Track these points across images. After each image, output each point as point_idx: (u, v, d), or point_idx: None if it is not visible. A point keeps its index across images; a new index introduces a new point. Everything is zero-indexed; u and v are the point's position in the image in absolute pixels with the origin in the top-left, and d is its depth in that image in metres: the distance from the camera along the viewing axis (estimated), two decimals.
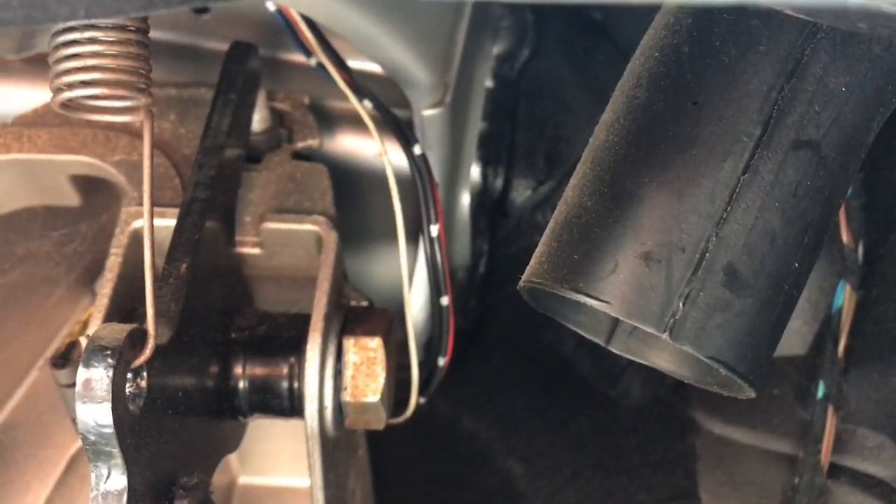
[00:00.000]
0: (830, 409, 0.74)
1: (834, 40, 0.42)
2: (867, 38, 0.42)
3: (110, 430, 0.41)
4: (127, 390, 0.43)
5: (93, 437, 0.41)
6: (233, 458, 0.78)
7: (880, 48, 0.42)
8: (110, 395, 0.40)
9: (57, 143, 0.68)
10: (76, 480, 0.80)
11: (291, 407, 0.58)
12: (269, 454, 0.78)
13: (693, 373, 0.49)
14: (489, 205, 0.85)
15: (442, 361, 0.71)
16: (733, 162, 0.41)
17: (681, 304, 0.40)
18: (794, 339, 0.79)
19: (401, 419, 0.71)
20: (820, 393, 0.75)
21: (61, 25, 0.41)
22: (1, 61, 0.78)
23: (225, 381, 0.57)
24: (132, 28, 0.41)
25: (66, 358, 0.57)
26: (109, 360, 0.41)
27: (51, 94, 0.44)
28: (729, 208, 0.41)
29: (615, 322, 0.52)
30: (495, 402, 0.86)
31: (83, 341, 0.56)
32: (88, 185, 0.71)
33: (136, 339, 0.43)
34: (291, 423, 0.72)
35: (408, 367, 0.69)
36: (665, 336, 0.40)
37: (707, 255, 0.41)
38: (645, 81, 0.45)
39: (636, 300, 0.41)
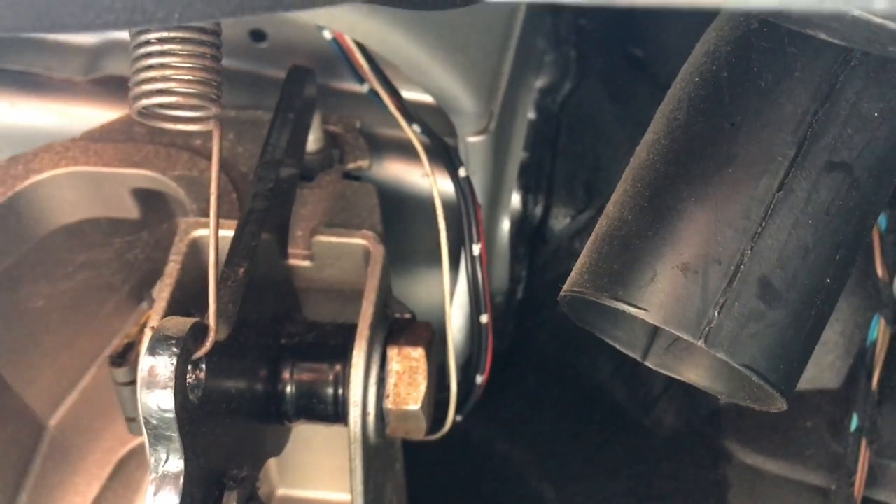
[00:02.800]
0: (864, 443, 0.75)
1: (868, 67, 0.44)
2: None
3: (171, 416, 0.43)
4: (187, 380, 0.46)
5: (155, 422, 0.43)
6: (272, 469, 0.80)
7: None
8: (173, 382, 0.43)
9: (121, 157, 0.71)
10: (120, 486, 0.82)
11: (335, 413, 0.60)
12: (309, 467, 0.80)
13: (727, 387, 0.50)
14: (528, 231, 0.87)
15: (480, 379, 0.73)
16: (768, 180, 0.43)
17: (716, 314, 0.42)
18: (829, 373, 0.80)
19: (438, 435, 0.73)
20: (853, 426, 0.76)
21: (142, 37, 0.44)
22: (70, 82, 0.83)
23: (273, 384, 0.59)
24: (207, 41, 0.45)
25: (123, 357, 0.60)
26: (174, 349, 0.43)
27: (124, 109, 0.48)
28: (763, 224, 0.43)
29: (651, 338, 0.54)
30: (530, 426, 0.87)
31: (146, 333, 0.59)
32: (148, 199, 0.74)
33: (198, 332, 0.46)
34: (331, 437, 0.75)
35: (446, 388, 0.71)
36: (700, 343, 0.42)
37: (742, 267, 0.43)
38: (685, 104, 0.47)
39: (673, 308, 0.43)
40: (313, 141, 0.70)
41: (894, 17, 0.33)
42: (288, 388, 0.59)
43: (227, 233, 0.59)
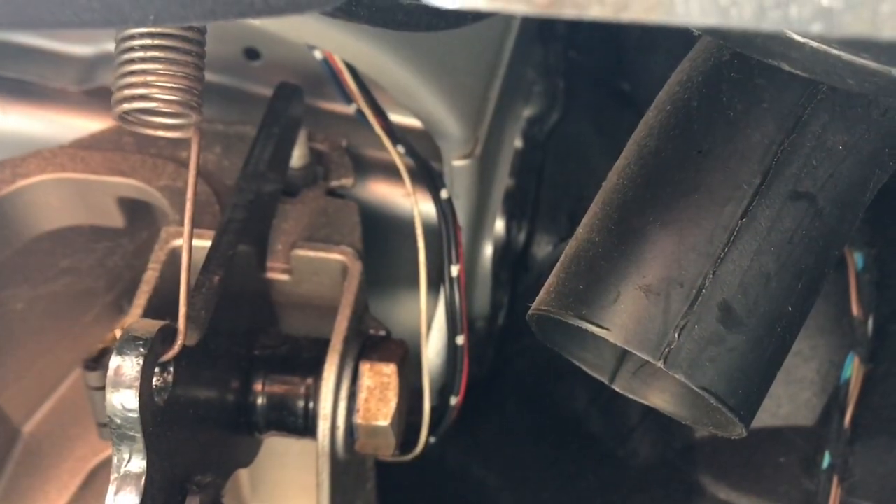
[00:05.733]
0: (835, 480, 0.75)
1: (834, 101, 0.45)
2: (865, 102, 0.45)
3: (135, 416, 0.44)
4: (154, 382, 0.46)
5: (119, 421, 0.44)
6: (245, 483, 0.80)
7: (878, 113, 0.46)
8: (138, 382, 0.43)
9: (108, 165, 0.72)
10: (91, 496, 0.82)
11: (305, 426, 0.60)
12: (282, 482, 0.80)
13: (690, 413, 0.50)
14: (511, 258, 0.88)
15: (454, 401, 0.73)
16: (733, 207, 0.44)
17: (676, 335, 0.43)
18: (804, 410, 0.80)
19: (411, 456, 0.73)
20: (825, 463, 0.76)
21: (126, 43, 0.45)
22: (64, 91, 0.84)
23: (244, 395, 0.59)
24: (190, 49, 0.46)
25: (97, 362, 0.60)
26: (141, 350, 0.44)
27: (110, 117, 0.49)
28: (726, 249, 0.44)
29: (619, 362, 0.54)
30: (506, 453, 0.87)
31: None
32: (133, 209, 0.75)
33: (167, 335, 0.46)
34: (305, 453, 0.75)
35: (419, 412, 0.71)
36: (660, 364, 0.43)
37: (704, 291, 0.43)
38: (656, 131, 0.48)
39: (635, 329, 0.43)
40: (298, 157, 0.71)
41: (850, 48, 0.34)
42: (259, 400, 0.60)
43: (207, 243, 0.60)
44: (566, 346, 0.52)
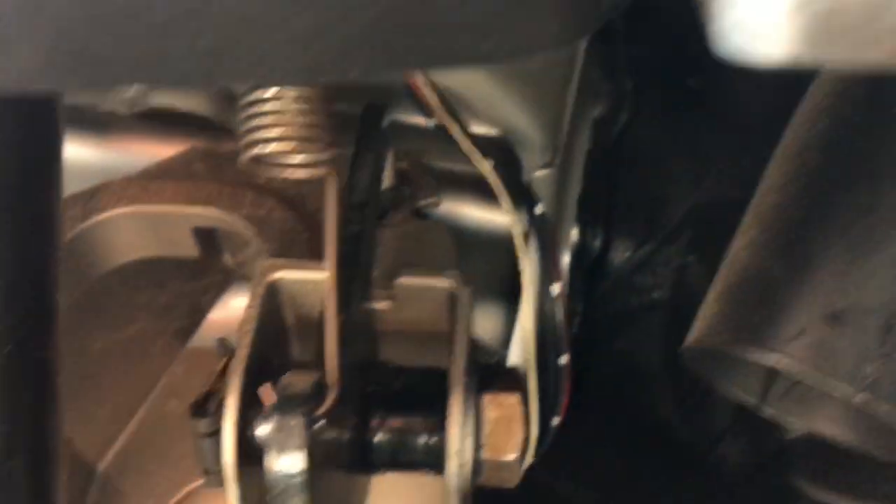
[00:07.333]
0: None
1: None
2: None
3: (299, 479, 0.41)
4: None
5: (282, 486, 0.41)
6: None
7: None
8: (305, 443, 0.41)
9: (183, 195, 0.69)
10: None
11: (426, 462, 0.57)
12: None
13: (862, 437, 0.48)
14: (586, 265, 0.85)
15: (555, 421, 0.71)
16: None
17: (875, 366, 0.41)
18: None
19: (515, 482, 0.70)
20: None
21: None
22: (114, 115, 0.81)
23: (362, 432, 0.57)
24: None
25: (203, 407, 0.57)
26: (301, 409, 0.41)
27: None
28: None
29: (768, 384, 0.52)
30: (592, 466, 0.85)
31: (233, 382, 0.56)
32: (206, 239, 0.72)
33: (319, 390, 0.44)
34: (410, 486, 0.72)
35: None
36: (859, 398, 0.40)
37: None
38: (814, 146, 0.46)
39: (825, 362, 0.41)
40: (385, 178, 0.68)
41: None
42: (377, 436, 0.57)
43: (302, 274, 0.57)
44: (714, 374, 0.50)
